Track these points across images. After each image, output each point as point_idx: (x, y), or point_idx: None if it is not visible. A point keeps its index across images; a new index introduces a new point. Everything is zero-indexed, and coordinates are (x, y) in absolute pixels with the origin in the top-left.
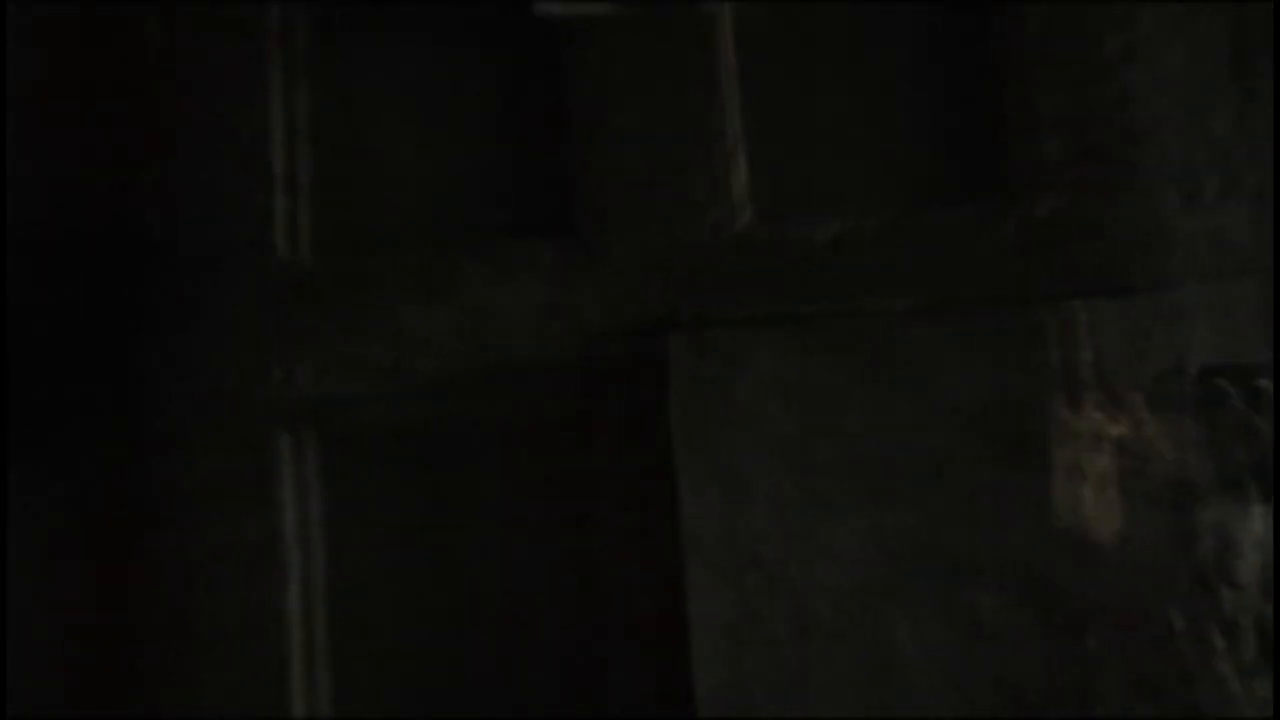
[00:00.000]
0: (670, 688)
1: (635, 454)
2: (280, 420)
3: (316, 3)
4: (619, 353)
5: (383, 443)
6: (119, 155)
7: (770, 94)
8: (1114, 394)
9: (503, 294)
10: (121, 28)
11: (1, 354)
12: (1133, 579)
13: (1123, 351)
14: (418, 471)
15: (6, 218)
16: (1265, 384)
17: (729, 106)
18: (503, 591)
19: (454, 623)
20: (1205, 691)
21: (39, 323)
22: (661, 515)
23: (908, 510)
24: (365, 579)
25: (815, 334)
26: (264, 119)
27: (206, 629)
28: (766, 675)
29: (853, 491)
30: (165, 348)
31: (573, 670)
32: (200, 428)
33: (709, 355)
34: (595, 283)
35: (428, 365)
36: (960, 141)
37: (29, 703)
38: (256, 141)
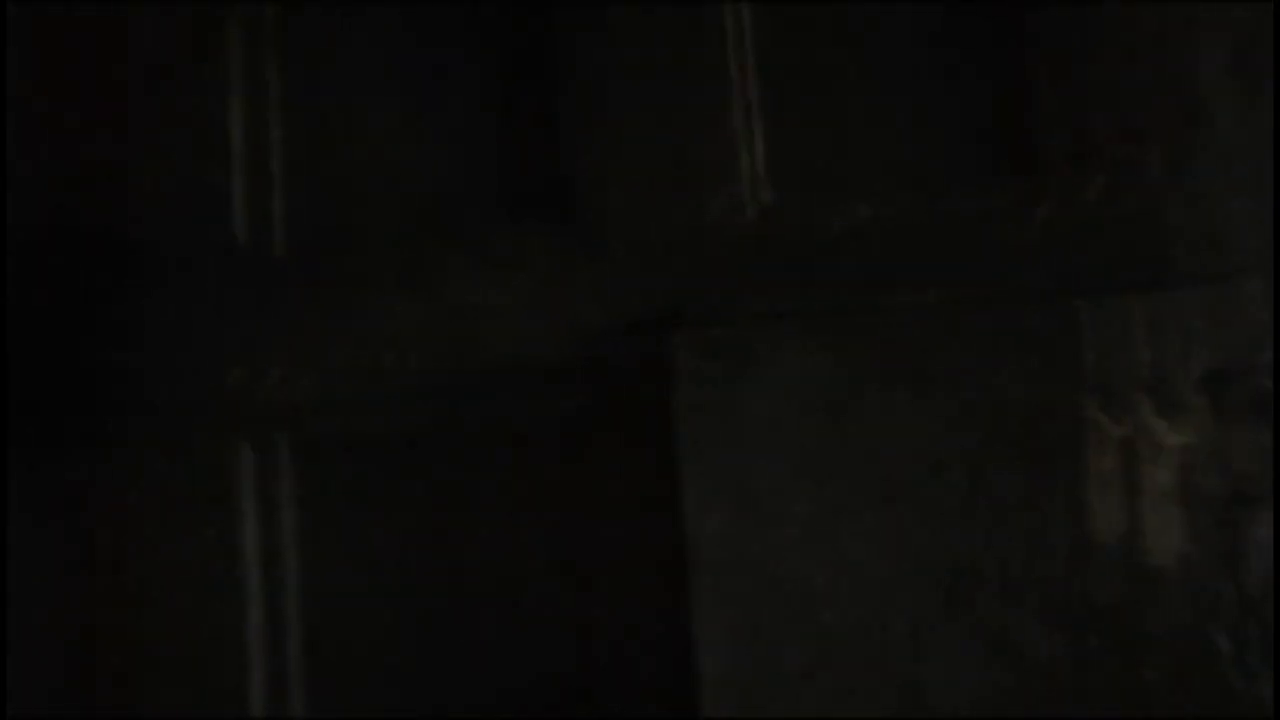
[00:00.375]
0: (673, 708)
1: (636, 461)
2: (242, 425)
3: None
4: (618, 352)
5: (364, 449)
6: (75, 142)
7: (782, 74)
8: (1173, 398)
9: (494, 290)
10: (105, 19)
11: (2, 354)
12: (1192, 602)
13: (1184, 350)
14: (402, 479)
15: (6, 218)
16: None
17: (737, 86)
18: (496, 605)
19: (445, 640)
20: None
21: (23, 324)
22: (664, 527)
23: (934, 524)
24: (345, 596)
25: (831, 332)
26: (222, 93)
27: (165, 657)
28: (777, 703)
29: (873, 503)
30: (118, 347)
31: (570, 688)
32: (149, 435)
33: (715, 355)
34: (593, 278)
35: (413, 366)
36: (990, 121)
37: None
38: (214, 120)
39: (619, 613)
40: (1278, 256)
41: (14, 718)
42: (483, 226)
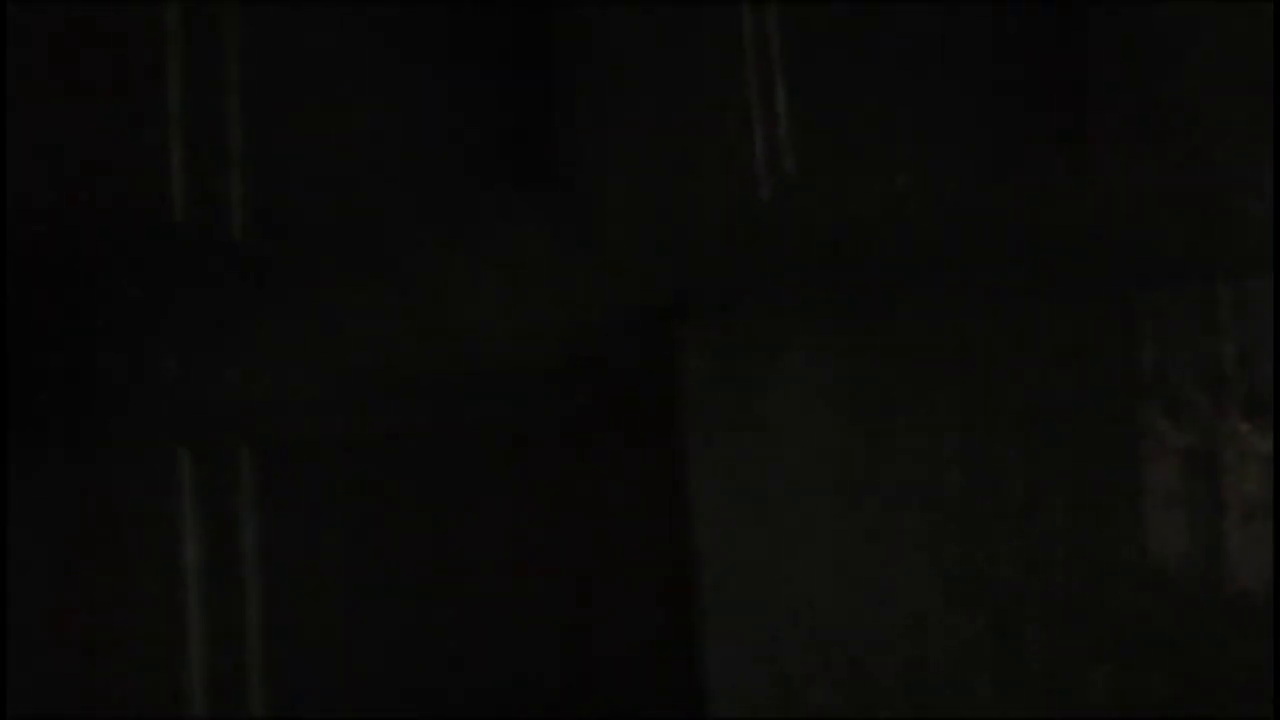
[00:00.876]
0: (675, 709)
1: (639, 471)
2: (196, 429)
3: None
4: (618, 349)
5: (331, 456)
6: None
7: (804, 34)
8: (1256, 400)
9: (478, 278)
10: None
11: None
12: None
13: (1259, 349)
14: (373, 491)
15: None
16: None
17: (751, 51)
18: (482, 631)
19: (423, 672)
20: None
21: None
22: (672, 544)
23: (976, 544)
24: (313, 622)
25: (857, 327)
26: (159, 64)
27: (119, 660)
28: None
29: (904, 519)
30: (48, 345)
31: (569, 691)
32: (83, 443)
33: (728, 352)
34: (589, 264)
35: (385, 364)
36: (1041, 85)
37: None
38: (151, 90)
39: (620, 616)
40: (1278, 256)
41: (14, 718)
42: (466, 207)
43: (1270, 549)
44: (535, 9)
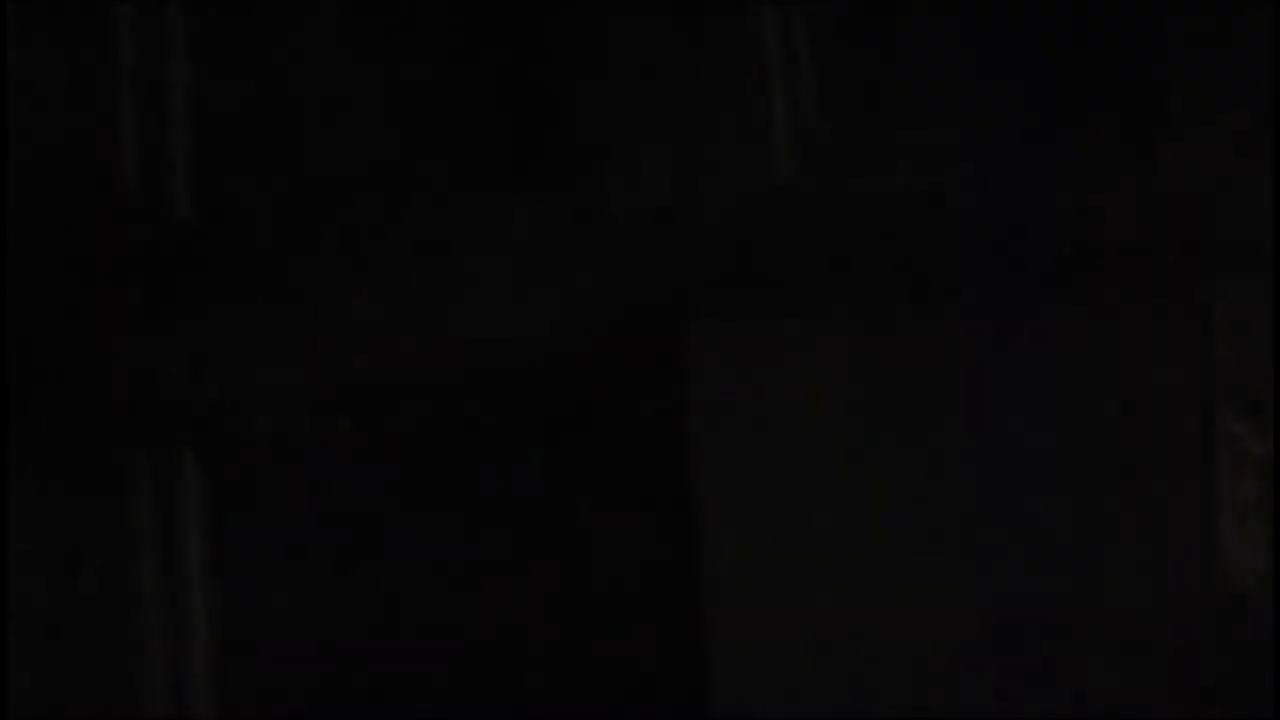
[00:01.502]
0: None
1: (642, 475)
2: (136, 436)
3: None
4: (621, 343)
5: (299, 464)
6: None
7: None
8: None
9: (467, 266)
10: None
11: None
12: None
13: None
14: (347, 500)
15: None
16: None
17: (770, 21)
18: (479, 631)
19: (403, 698)
20: None
21: None
22: (676, 545)
23: (1016, 561)
24: (272, 647)
25: (885, 320)
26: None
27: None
28: None
29: (936, 533)
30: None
31: (565, 701)
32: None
33: (741, 346)
34: (592, 251)
35: (363, 361)
36: (1083, 58)
37: None
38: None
39: (623, 617)
40: (1278, 256)
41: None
42: (455, 186)
43: None
44: None
